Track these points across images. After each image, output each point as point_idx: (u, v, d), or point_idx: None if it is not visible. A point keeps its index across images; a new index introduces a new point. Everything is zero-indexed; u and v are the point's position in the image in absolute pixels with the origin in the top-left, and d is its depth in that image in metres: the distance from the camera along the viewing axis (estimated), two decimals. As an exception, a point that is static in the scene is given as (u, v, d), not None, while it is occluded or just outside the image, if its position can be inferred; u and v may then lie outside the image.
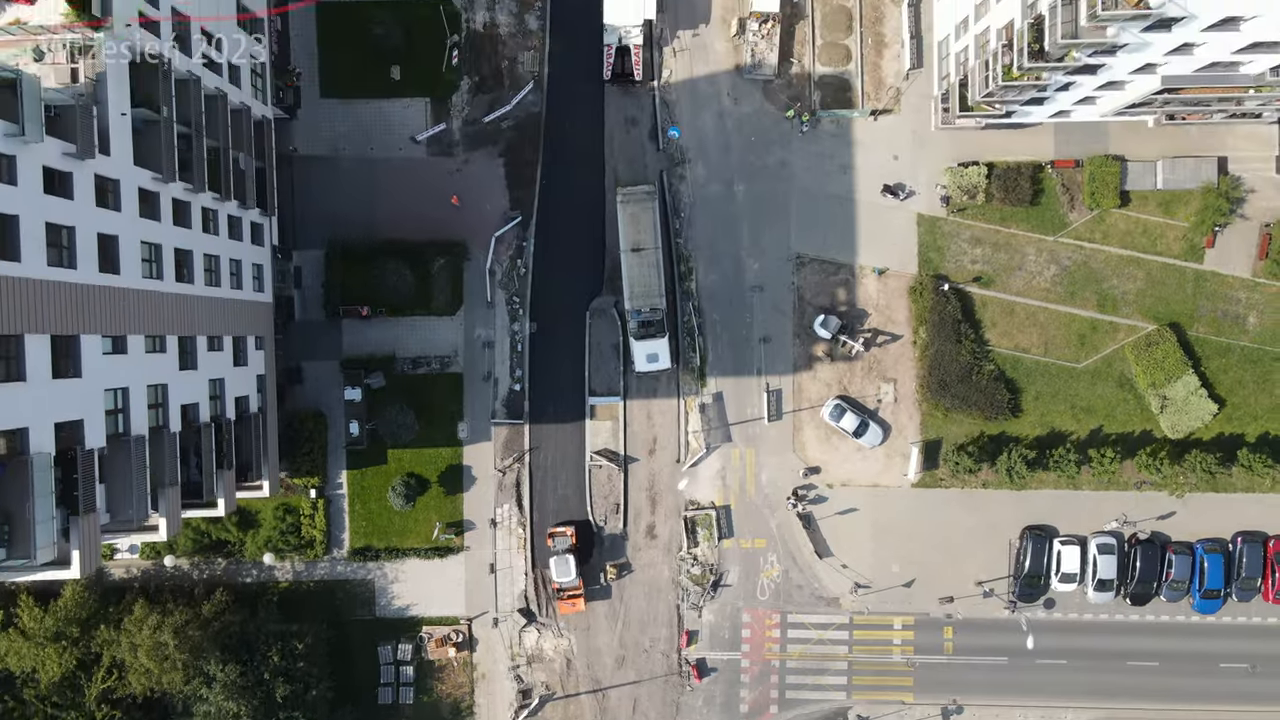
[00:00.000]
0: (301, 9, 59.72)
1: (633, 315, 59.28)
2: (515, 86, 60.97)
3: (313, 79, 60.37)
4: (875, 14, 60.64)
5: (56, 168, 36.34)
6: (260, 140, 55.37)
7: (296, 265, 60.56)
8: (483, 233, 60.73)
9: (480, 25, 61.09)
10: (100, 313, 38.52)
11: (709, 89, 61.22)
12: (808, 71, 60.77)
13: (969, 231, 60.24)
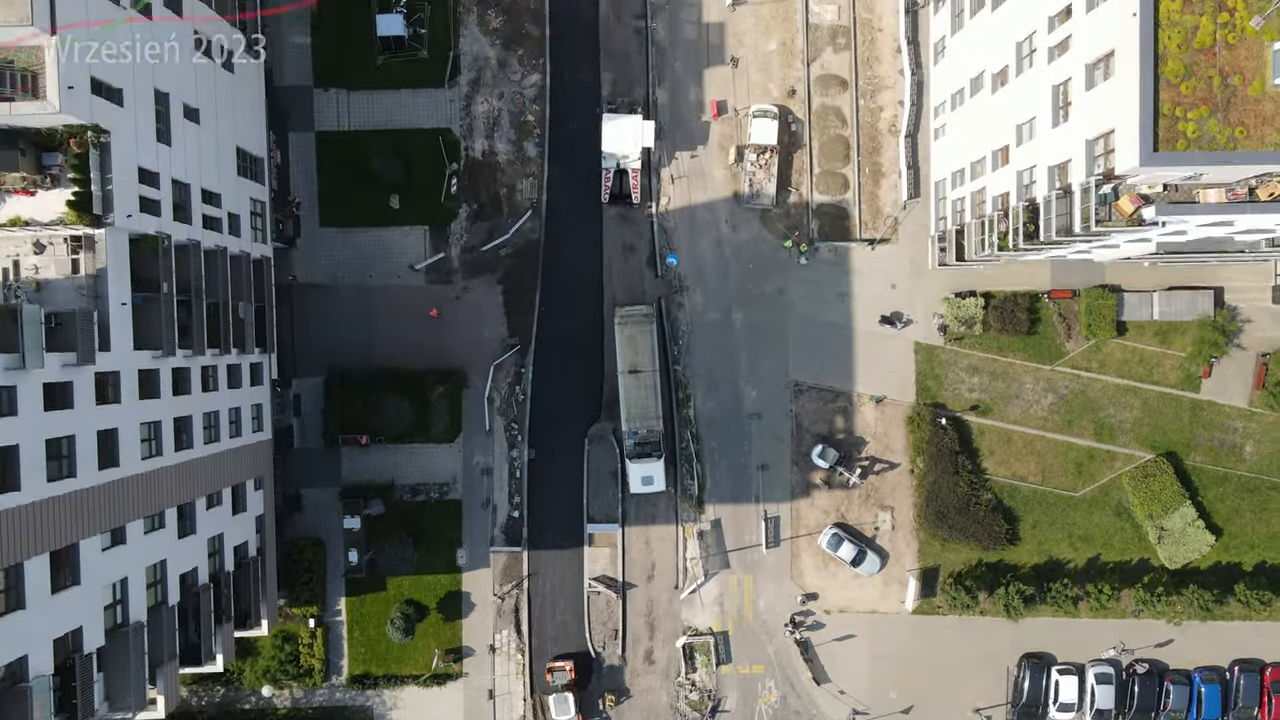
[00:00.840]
0: (302, 142, 60.03)
1: (629, 436, 59.43)
2: (514, 214, 61.20)
3: (312, 208, 60.57)
4: (872, 144, 60.85)
5: (57, 380, 36.55)
6: (259, 279, 55.56)
7: (296, 393, 60.73)
8: (481, 360, 60.92)
9: (479, 153, 61.30)
10: (100, 512, 38.72)
11: (707, 216, 61.44)
12: (805, 200, 60.99)
13: (966, 360, 60.41)
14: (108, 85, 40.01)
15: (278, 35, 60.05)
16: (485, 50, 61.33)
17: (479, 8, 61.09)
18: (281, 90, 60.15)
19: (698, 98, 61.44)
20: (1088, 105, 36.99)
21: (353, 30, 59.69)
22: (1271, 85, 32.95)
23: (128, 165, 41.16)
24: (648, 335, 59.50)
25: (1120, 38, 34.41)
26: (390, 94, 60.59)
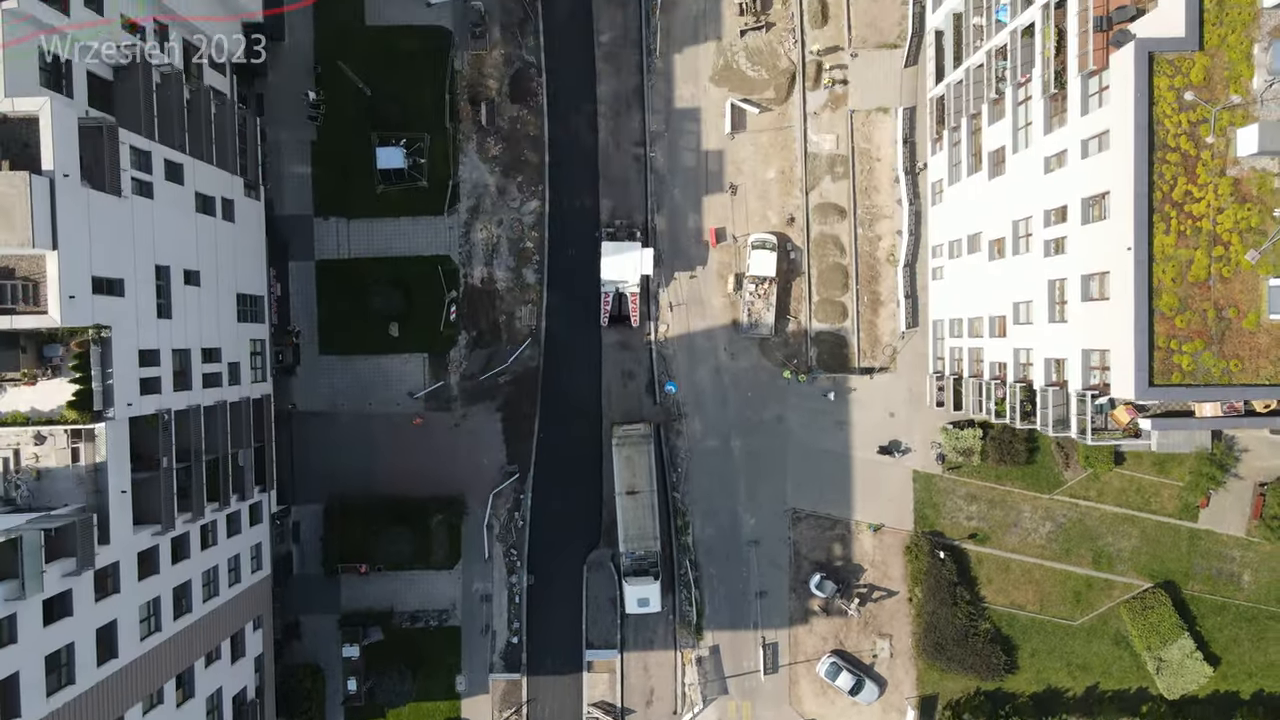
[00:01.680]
0: (302, 271, 60.21)
1: (627, 556, 59.50)
2: (513, 341, 61.36)
3: (312, 336, 60.71)
4: (871, 273, 60.98)
5: (56, 592, 36.68)
6: (259, 419, 55.68)
7: (295, 520, 60.86)
8: (481, 486, 61.05)
9: (478, 280, 61.48)
10: (98, 710, 38.82)
11: (706, 344, 61.57)
12: (804, 328, 61.12)
13: (964, 489, 60.50)
14: (108, 280, 40.16)
15: (278, 166, 60.33)
16: (484, 177, 61.52)
17: (478, 135, 61.27)
18: (282, 219, 60.35)
19: (697, 225, 61.61)
20: (1083, 316, 37.16)
21: (352, 160, 59.91)
22: (1266, 319, 33.07)
23: (128, 353, 41.31)
24: (645, 456, 59.54)
25: (1114, 264, 34.57)
26: (390, 222, 60.80)
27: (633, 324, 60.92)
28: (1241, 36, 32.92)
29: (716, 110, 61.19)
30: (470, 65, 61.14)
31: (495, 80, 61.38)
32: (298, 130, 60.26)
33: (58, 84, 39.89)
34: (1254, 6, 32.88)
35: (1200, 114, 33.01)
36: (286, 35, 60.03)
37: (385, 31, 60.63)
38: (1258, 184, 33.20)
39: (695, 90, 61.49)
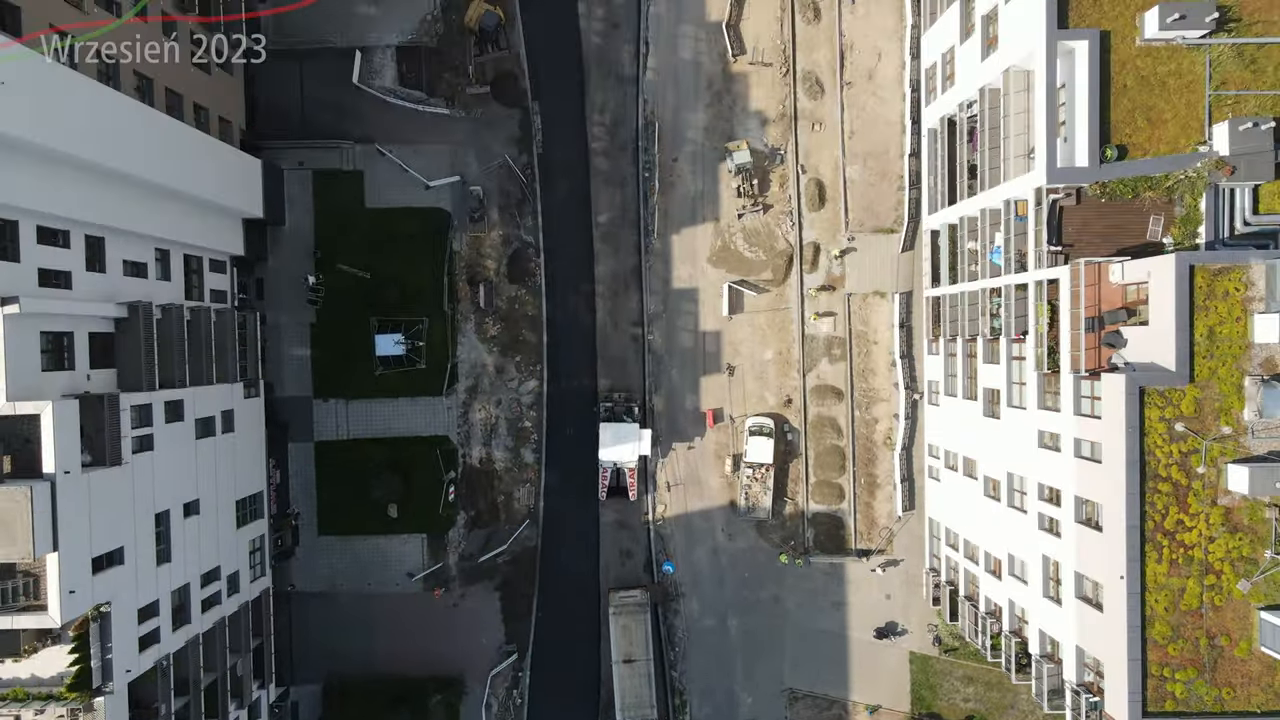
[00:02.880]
0: (301, 453, 60.47)
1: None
2: (511, 521, 61.63)
3: (311, 518, 60.97)
4: (868, 455, 61.25)
5: None
6: (258, 617, 55.94)
7: (294, 700, 61.08)
8: (479, 666, 61.29)
9: (476, 460, 61.75)
10: None
11: (703, 524, 61.85)
12: (801, 509, 61.38)
13: (961, 670, 60.71)
14: (108, 554, 40.42)
15: (278, 349, 60.59)
16: (483, 357, 61.82)
17: (476, 316, 61.56)
18: (281, 401, 60.62)
19: (694, 405, 61.88)
20: (1077, 616, 37.46)
21: (352, 343, 60.13)
22: (1258, 648, 33.37)
23: (128, 618, 41.59)
24: (641, 624, 59.81)
25: (1107, 579, 34.85)
26: (389, 403, 61.05)
27: (631, 497, 61.19)
28: (1232, 369, 33.25)
29: (714, 291, 61.48)
30: (469, 246, 61.43)
31: (494, 260, 61.67)
32: (297, 313, 60.55)
33: (59, 355, 40.16)
34: (1245, 339, 33.18)
35: (1191, 444, 33.34)
36: (286, 219, 60.32)
37: (384, 214, 60.90)
38: (1249, 514, 33.53)
39: (693, 271, 61.78)
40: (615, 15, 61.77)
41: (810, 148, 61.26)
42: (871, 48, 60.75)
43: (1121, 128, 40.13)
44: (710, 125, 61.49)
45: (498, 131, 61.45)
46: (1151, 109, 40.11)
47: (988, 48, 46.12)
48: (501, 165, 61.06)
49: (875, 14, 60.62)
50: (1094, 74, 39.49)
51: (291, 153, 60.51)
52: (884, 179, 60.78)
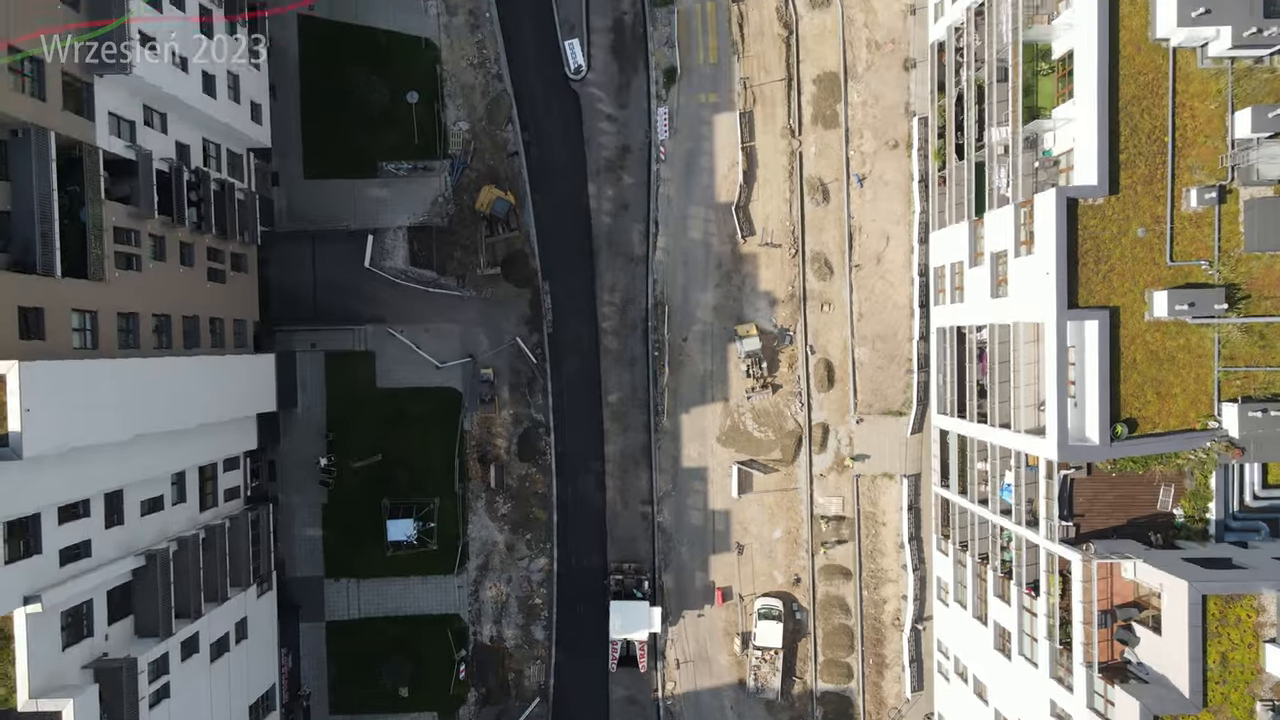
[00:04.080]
0: (312, 633, 60.79)
1: None
2: (522, 698, 61.93)
3: (322, 697, 61.27)
4: (876, 635, 61.56)
5: None
6: (271, 809, 56.27)
7: None
8: (489, 843, 61.65)
9: (487, 638, 62.08)
10: None
11: (712, 702, 62.14)
12: (810, 688, 61.69)
13: None
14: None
15: (290, 529, 60.93)
16: (493, 535, 62.17)
17: (487, 494, 61.92)
18: (294, 581, 60.96)
19: (704, 583, 62.18)
20: None
21: (363, 524, 60.51)
22: None
23: None
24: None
25: None
26: (400, 582, 61.38)
27: (641, 668, 61.53)
28: (1244, 694, 33.62)
29: (723, 470, 61.85)
30: (479, 425, 61.81)
31: (504, 439, 62.06)
32: (309, 494, 60.93)
33: (78, 627, 40.42)
34: (1256, 665, 33.57)
35: (1204, 766, 33.75)
36: (299, 401, 60.71)
37: (395, 394, 61.32)
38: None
39: (702, 450, 62.15)
40: (625, 196, 62.24)
41: (819, 328, 61.68)
42: (880, 231, 61.20)
43: (1131, 401, 40.52)
44: (720, 305, 61.92)
45: (508, 311, 61.90)
46: (1161, 383, 40.51)
47: (998, 286, 46.52)
48: (512, 344, 61.48)
49: (883, 198, 61.07)
50: (1104, 352, 39.91)
51: (304, 335, 61.00)
52: (892, 361, 61.20)
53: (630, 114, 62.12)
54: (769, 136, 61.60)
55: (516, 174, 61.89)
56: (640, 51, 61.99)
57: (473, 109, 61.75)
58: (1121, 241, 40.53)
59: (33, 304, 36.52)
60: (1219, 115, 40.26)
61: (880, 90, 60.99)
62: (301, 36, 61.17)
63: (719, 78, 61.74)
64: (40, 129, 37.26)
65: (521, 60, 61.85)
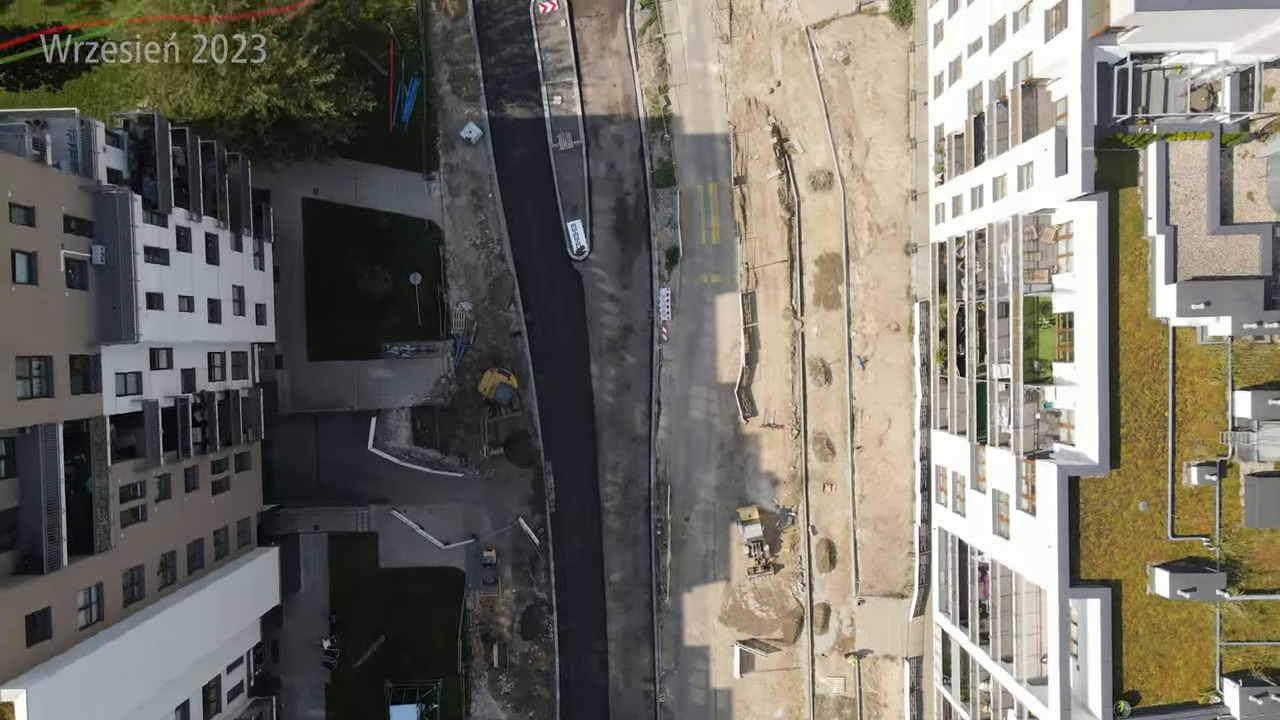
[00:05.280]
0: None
1: None
2: None
3: None
4: (878, 817, 61.79)
5: None
6: None
7: None
8: None
9: (490, 817, 62.23)
10: None
11: None
12: None
13: None
14: None
15: (292, 711, 61.07)
16: (497, 714, 62.30)
17: (490, 672, 62.07)
18: (296, 757, 61.18)
19: (706, 761, 62.39)
20: None
21: (366, 706, 60.62)
22: None
23: None
24: None
25: None
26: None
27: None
28: None
29: (725, 649, 62.00)
30: (482, 604, 61.99)
31: (507, 618, 62.22)
32: (312, 675, 61.10)
33: None
34: None
35: None
36: (302, 583, 60.92)
37: (398, 574, 61.52)
38: None
39: (704, 628, 62.31)
40: (627, 376, 62.48)
41: (821, 508, 61.87)
42: (882, 413, 61.42)
43: (1134, 674, 40.73)
44: (722, 485, 62.12)
45: (511, 490, 62.10)
46: (1163, 655, 40.72)
47: (999, 522, 46.72)
48: (515, 524, 61.67)
49: (885, 380, 61.31)
50: (1106, 628, 40.12)
51: (307, 516, 61.21)
52: (894, 543, 61.39)
53: (633, 294, 62.39)
54: (771, 317, 61.86)
55: (519, 354, 62.15)
56: (643, 232, 62.29)
57: (475, 289, 62.03)
58: (1123, 515, 40.77)
59: (40, 606, 36.69)
60: (1219, 391, 40.53)
61: (882, 273, 61.27)
62: (305, 219, 61.54)
63: (721, 259, 62.03)
64: (48, 425, 37.48)
65: (524, 240, 62.14)
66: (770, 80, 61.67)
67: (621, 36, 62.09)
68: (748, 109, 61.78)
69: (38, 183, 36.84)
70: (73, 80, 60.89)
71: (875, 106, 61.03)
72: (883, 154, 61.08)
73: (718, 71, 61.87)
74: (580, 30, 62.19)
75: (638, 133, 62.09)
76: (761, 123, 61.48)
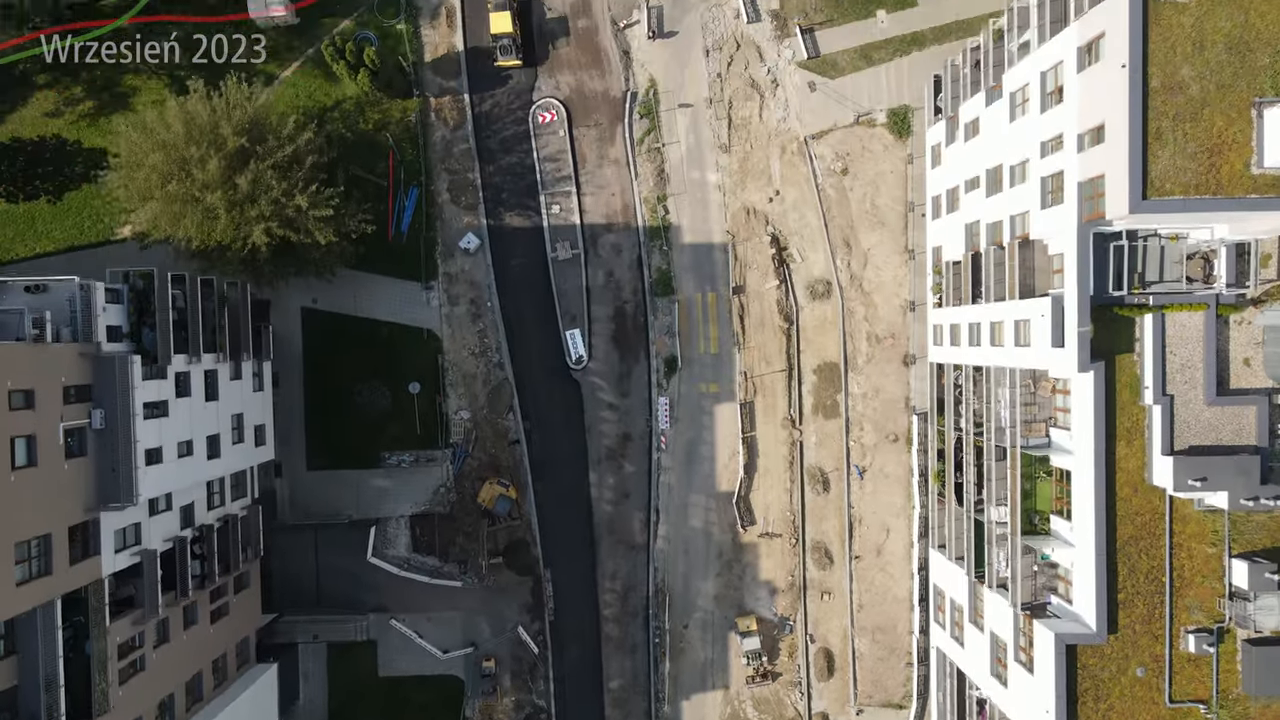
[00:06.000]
0: None
1: None
2: None
3: None
4: None
5: None
6: None
7: None
8: None
9: None
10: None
11: None
12: None
13: None
14: None
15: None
16: (495, 822, 62.32)
17: (489, 781, 62.14)
18: None
19: None
20: None
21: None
22: None
23: None
24: None
25: None
26: None
27: None
28: None
29: (724, 757, 62.12)
30: (481, 713, 62.01)
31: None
32: (312, 786, 61.20)
33: None
34: None
35: None
36: (300, 694, 60.95)
37: (397, 682, 61.56)
38: None
39: (703, 735, 62.42)
40: (626, 484, 62.54)
41: (819, 617, 61.92)
42: (880, 524, 61.48)
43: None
44: (720, 594, 62.17)
45: (510, 598, 62.15)
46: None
47: (997, 665, 46.75)
48: (513, 631, 61.69)
49: (883, 491, 61.38)
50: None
51: (306, 626, 61.22)
52: (893, 654, 61.42)
53: (631, 402, 62.47)
54: (770, 426, 61.93)
55: (518, 462, 62.23)
56: (641, 341, 62.37)
57: (474, 397, 62.11)
58: (1121, 680, 40.79)
59: (39, 789, 36.79)
60: (1216, 557, 40.54)
61: (880, 383, 61.33)
62: (304, 328, 61.61)
63: (720, 367, 62.11)
64: (47, 605, 37.55)
65: (523, 349, 62.24)
66: (769, 189, 61.78)
67: (620, 145, 62.19)
68: (746, 218, 61.88)
69: (37, 365, 36.95)
70: (72, 191, 61.02)
71: (874, 217, 61.13)
72: (881, 265, 61.18)
73: (716, 180, 61.98)
74: (579, 139, 62.30)
75: (636, 241, 62.19)
76: (760, 232, 61.60)
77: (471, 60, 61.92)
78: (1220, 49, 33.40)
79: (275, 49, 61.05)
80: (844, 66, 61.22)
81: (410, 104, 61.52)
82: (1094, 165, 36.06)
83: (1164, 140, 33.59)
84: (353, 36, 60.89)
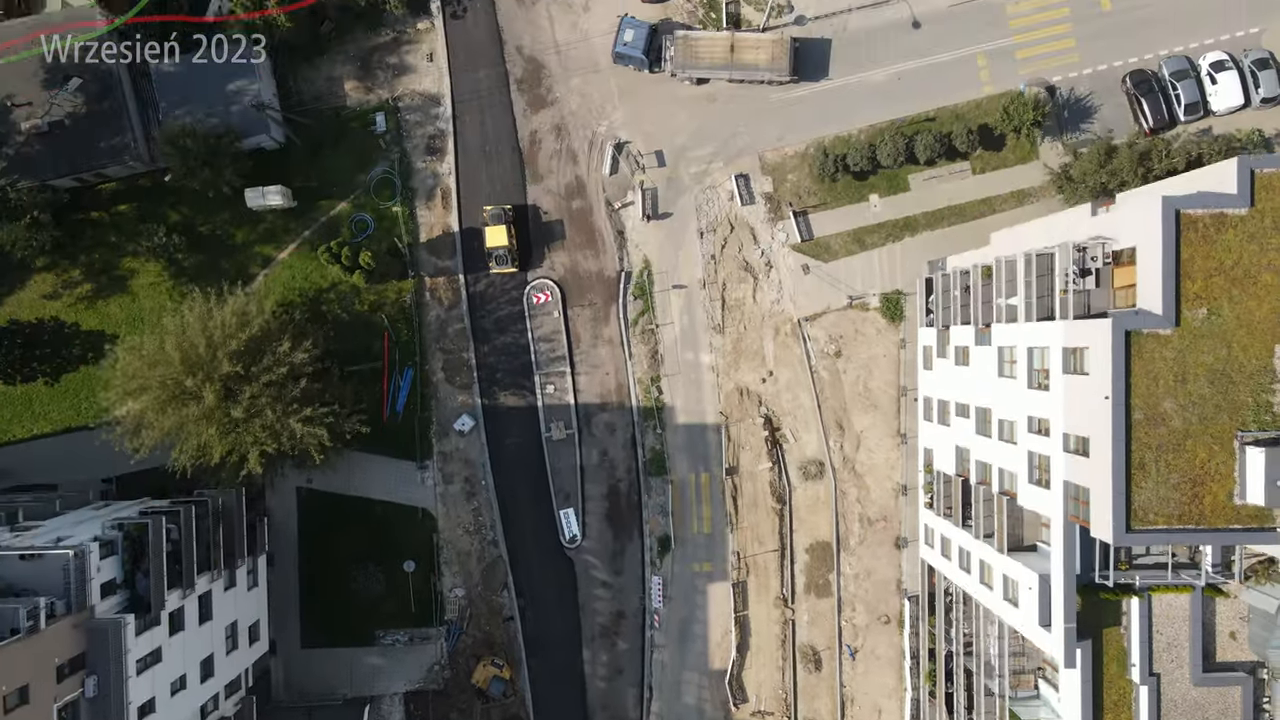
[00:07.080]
0: None
1: None
2: None
3: None
4: None
5: None
6: None
7: None
8: None
9: None
10: None
11: None
12: None
13: None
14: None
15: None
16: None
17: None
18: None
19: None
20: None
21: None
22: None
23: None
24: None
25: None
26: None
27: None
28: None
29: None
30: None
31: None
32: None
33: None
34: None
35: None
36: None
37: None
38: None
39: None
40: (619, 661, 62.79)
41: (811, 796, 62.19)
42: (872, 704, 61.75)
43: None
44: (713, 771, 62.46)
45: (504, 775, 62.40)
46: None
47: None
48: (508, 809, 62.05)
49: (875, 672, 61.64)
50: None
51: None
52: (884, 834, 61.69)
53: (625, 580, 62.74)
54: (762, 605, 62.20)
55: (512, 639, 62.50)
56: (635, 519, 62.64)
57: (468, 575, 62.38)
58: None
59: None
60: (1202, 830, 40.80)
61: (872, 565, 61.62)
62: (300, 508, 61.86)
63: (713, 547, 62.36)
64: None
65: (517, 527, 62.52)
66: (762, 370, 62.11)
67: (614, 326, 62.50)
68: (740, 399, 62.21)
69: (31, 659, 37.23)
70: (70, 373, 61.37)
71: (866, 400, 61.45)
72: (873, 447, 61.48)
73: (710, 362, 62.28)
74: (573, 319, 62.63)
75: (630, 421, 62.48)
76: (753, 413, 61.91)
77: (466, 240, 62.27)
78: (1203, 382, 33.73)
79: (273, 231, 61.50)
80: (837, 250, 61.57)
81: (405, 284, 61.91)
82: (1080, 475, 36.37)
83: (1147, 470, 33.91)
84: (349, 221, 61.31)
